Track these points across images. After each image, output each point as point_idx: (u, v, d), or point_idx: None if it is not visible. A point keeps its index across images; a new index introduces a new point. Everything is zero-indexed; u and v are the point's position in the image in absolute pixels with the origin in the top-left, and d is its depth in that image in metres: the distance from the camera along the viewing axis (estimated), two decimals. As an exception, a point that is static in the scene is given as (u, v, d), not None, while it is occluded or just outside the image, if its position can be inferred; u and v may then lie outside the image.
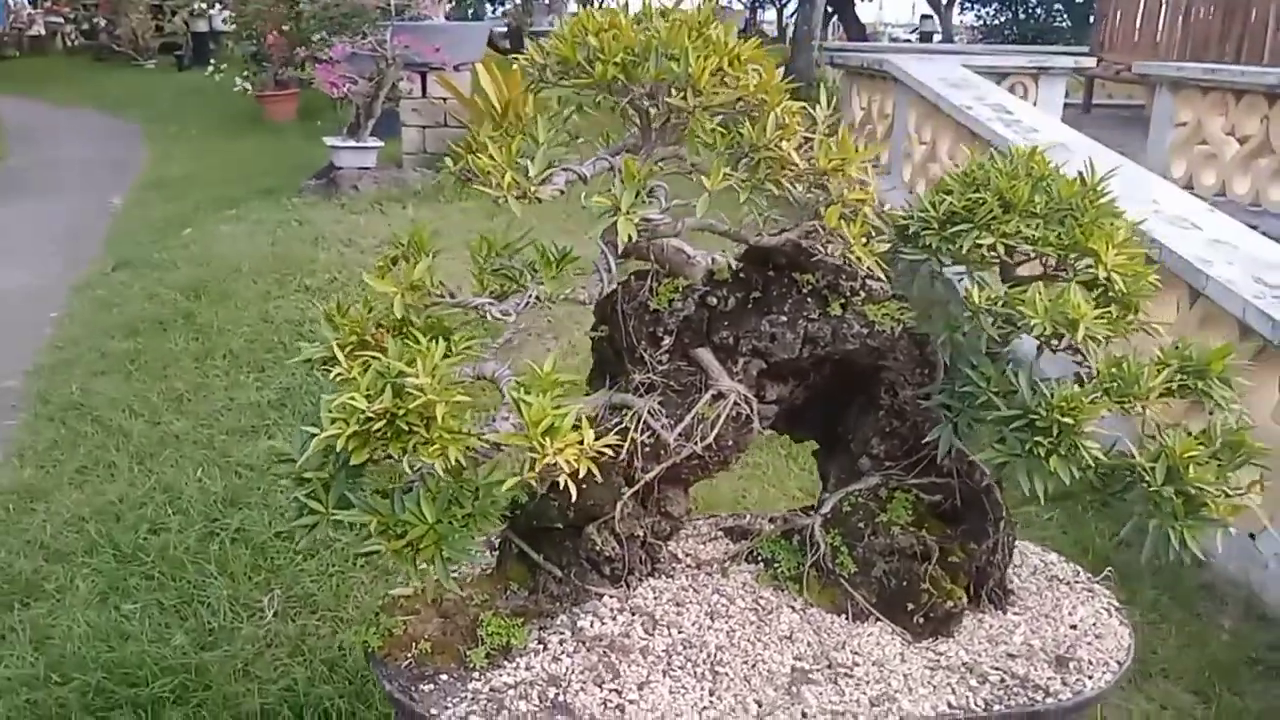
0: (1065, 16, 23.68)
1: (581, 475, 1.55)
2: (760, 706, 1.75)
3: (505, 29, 19.54)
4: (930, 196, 1.95)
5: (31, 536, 3.72)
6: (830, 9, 24.13)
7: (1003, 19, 24.44)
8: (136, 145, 12.33)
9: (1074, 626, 2.03)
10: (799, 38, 11.84)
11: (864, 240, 1.77)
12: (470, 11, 24.32)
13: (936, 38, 25.26)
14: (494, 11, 28.32)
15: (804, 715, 1.74)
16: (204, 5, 18.11)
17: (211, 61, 16.11)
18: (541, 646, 1.86)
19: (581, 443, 1.58)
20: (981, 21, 25.53)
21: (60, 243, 7.87)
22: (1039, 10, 24.08)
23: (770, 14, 34.80)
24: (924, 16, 27.87)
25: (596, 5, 18.64)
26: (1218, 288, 4.08)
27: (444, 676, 1.80)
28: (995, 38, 23.77)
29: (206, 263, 6.61)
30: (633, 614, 1.94)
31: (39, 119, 14.61)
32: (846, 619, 1.96)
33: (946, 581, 1.97)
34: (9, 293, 6.64)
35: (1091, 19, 13.35)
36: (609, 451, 1.59)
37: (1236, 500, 1.77)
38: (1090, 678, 1.89)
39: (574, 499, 1.89)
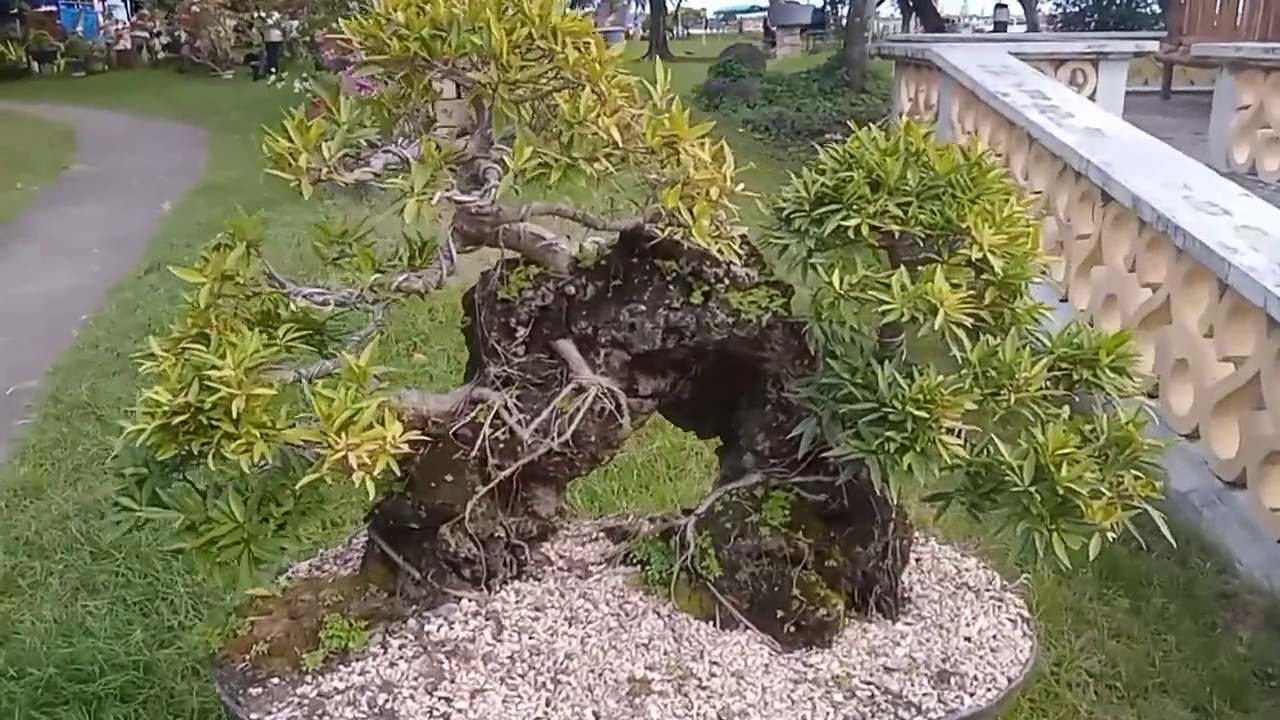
0: (1152, 1, 22.65)
1: (377, 471, 1.47)
2: (598, 718, 1.65)
3: None
4: (806, 176, 1.82)
5: (19, 533, 3.78)
6: (910, 2, 23.55)
7: (1082, 5, 23.40)
8: (200, 153, 12.65)
9: (968, 639, 1.87)
10: (851, 28, 11.60)
11: (712, 223, 1.65)
12: None
13: (1013, 27, 24.47)
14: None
15: (642, 728, 1.63)
16: (264, 17, 18.57)
17: (272, 70, 16.50)
18: (382, 650, 1.78)
19: (387, 438, 1.50)
20: (1060, 9, 24.50)
21: (108, 246, 8.07)
22: (1122, -7, 23.01)
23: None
24: (998, 5, 27.03)
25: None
26: (1240, 276, 3.80)
27: (275, 680, 1.73)
28: (1075, 26, 22.83)
29: (232, 265, 6.69)
30: (486, 618, 1.84)
31: (117, 129, 15.16)
32: (714, 626, 1.84)
33: (822, 587, 1.83)
34: (49, 295, 6.83)
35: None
36: (407, 448, 1.50)
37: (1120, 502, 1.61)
38: (971, 694, 1.73)
39: (419, 497, 1.83)
